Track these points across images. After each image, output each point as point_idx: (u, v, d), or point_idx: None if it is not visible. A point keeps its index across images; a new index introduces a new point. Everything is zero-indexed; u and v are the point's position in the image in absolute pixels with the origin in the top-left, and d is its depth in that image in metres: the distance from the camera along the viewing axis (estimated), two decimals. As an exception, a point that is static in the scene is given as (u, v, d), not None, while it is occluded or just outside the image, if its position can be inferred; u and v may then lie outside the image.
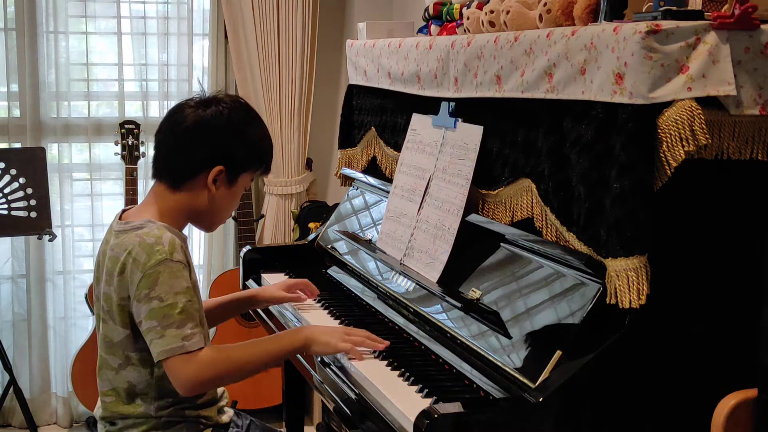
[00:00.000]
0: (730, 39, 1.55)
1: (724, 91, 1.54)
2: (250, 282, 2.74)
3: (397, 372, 1.88)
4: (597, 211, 1.64)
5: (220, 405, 2.04)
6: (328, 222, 2.86)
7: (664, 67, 1.53)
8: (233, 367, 1.88)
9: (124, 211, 1.98)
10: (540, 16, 1.96)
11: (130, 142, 3.53)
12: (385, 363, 1.93)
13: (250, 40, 3.73)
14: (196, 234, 3.96)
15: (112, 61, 3.78)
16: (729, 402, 1.55)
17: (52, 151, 3.73)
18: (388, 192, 2.45)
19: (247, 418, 2.16)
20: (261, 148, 1.99)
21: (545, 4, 1.94)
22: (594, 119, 1.67)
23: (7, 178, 3.41)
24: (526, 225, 1.91)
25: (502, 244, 1.97)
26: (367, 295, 2.39)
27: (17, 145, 3.67)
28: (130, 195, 3.47)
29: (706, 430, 1.57)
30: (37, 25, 3.60)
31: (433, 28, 2.62)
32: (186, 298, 1.82)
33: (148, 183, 3.67)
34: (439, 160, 2.23)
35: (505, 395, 1.68)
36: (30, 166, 3.44)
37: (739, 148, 1.60)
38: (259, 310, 2.57)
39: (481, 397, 1.74)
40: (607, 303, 1.59)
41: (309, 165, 3.94)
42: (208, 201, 1.93)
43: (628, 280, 1.55)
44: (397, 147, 2.55)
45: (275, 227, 3.87)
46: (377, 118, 2.74)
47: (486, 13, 2.17)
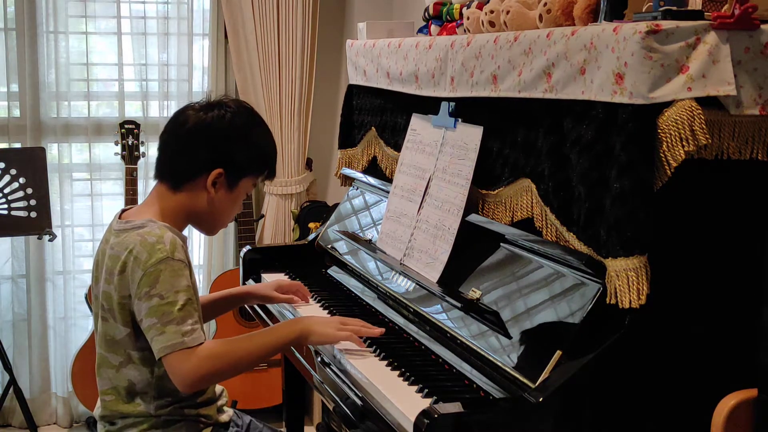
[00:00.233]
0: (730, 39, 1.55)
1: (724, 91, 1.54)
2: (250, 282, 2.74)
3: (397, 372, 1.88)
4: (597, 211, 1.64)
5: (220, 404, 2.05)
6: (328, 222, 2.86)
7: (664, 67, 1.53)
8: (232, 360, 1.88)
9: (123, 211, 1.99)
10: (540, 16, 1.96)
11: (130, 142, 3.53)
12: (385, 363, 1.93)
13: (250, 40, 3.73)
14: (196, 234, 3.96)
15: (112, 61, 3.78)
16: (729, 402, 1.55)
17: (52, 151, 3.73)
18: (388, 192, 2.45)
19: (247, 417, 2.16)
20: (263, 153, 1.99)
21: (545, 4, 1.94)
22: (594, 119, 1.67)
23: (7, 178, 3.41)
24: (526, 225, 1.91)
25: (502, 244, 1.97)
26: (367, 295, 2.39)
27: (17, 145, 3.67)
28: (130, 195, 3.47)
29: (706, 430, 1.57)
30: (37, 25, 3.60)
31: (433, 28, 2.62)
32: (186, 296, 1.83)
33: (148, 183, 3.67)
34: (439, 160, 2.23)
35: (505, 395, 1.68)
36: (30, 166, 3.44)
37: (739, 148, 1.60)
38: (258, 310, 2.58)
39: (481, 397, 1.74)
40: (607, 303, 1.59)
41: (309, 165, 3.94)
42: (208, 203, 1.93)
43: (628, 280, 1.55)
44: (397, 147, 2.55)
45: (275, 227, 3.87)
46: (377, 118, 2.74)
47: (486, 13, 2.17)
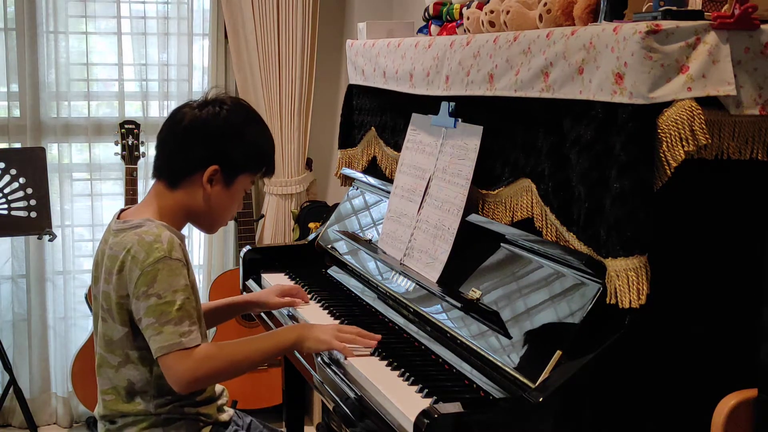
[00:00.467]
0: (730, 39, 1.55)
1: (724, 91, 1.54)
2: (250, 282, 2.74)
3: (397, 372, 1.88)
4: (597, 211, 1.64)
5: (220, 403, 2.05)
6: (328, 222, 2.86)
7: (664, 67, 1.53)
8: (228, 364, 1.88)
9: (122, 211, 1.99)
10: (540, 16, 1.96)
11: (130, 142, 3.53)
12: (385, 363, 1.93)
13: (250, 40, 3.73)
14: (196, 234, 3.96)
15: (112, 61, 3.78)
16: (729, 402, 1.55)
17: (52, 151, 3.73)
18: (388, 192, 2.45)
19: (247, 417, 2.16)
20: (259, 150, 1.99)
21: (545, 4, 1.94)
22: (594, 119, 1.67)
23: (7, 178, 3.41)
24: (526, 225, 1.91)
25: (502, 244, 1.97)
26: (367, 295, 2.39)
27: (17, 145, 3.67)
28: (130, 195, 3.47)
29: (706, 430, 1.57)
30: (37, 25, 3.60)
31: (433, 28, 2.62)
32: (184, 295, 1.83)
33: (148, 183, 3.66)
34: (439, 160, 2.23)
35: (505, 395, 1.68)
36: (30, 166, 3.44)
37: (739, 148, 1.60)
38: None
39: (481, 397, 1.74)
40: (607, 303, 1.59)
41: (309, 165, 3.94)
42: (204, 200, 1.93)
43: (628, 280, 1.55)
44: (397, 147, 2.55)
45: (275, 227, 3.87)
46: (377, 118, 2.74)
47: (486, 13, 2.17)
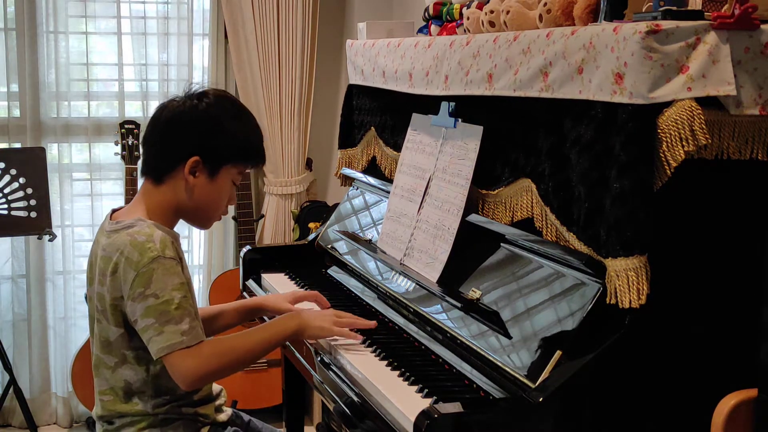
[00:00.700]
0: (730, 39, 1.55)
1: (724, 91, 1.54)
2: (250, 282, 2.74)
3: (397, 372, 1.88)
4: (597, 211, 1.64)
5: (218, 403, 2.04)
6: (328, 222, 2.86)
7: (664, 67, 1.53)
8: (234, 357, 1.89)
9: (114, 211, 1.98)
10: (540, 16, 1.96)
11: (130, 142, 3.53)
12: (385, 363, 1.93)
13: (250, 40, 3.73)
14: (196, 234, 3.97)
15: (112, 61, 3.78)
16: (729, 402, 1.55)
17: (52, 151, 3.73)
18: (388, 192, 2.45)
19: (246, 417, 2.16)
20: (242, 141, 1.95)
21: (545, 4, 1.94)
22: (594, 119, 1.67)
23: (7, 178, 3.41)
24: (526, 225, 1.91)
25: (502, 244, 1.97)
26: (367, 295, 2.39)
27: (17, 145, 3.68)
28: (130, 195, 3.46)
29: (706, 430, 1.57)
30: (37, 25, 3.60)
31: (433, 28, 2.61)
32: (181, 293, 1.82)
33: (147, 183, 3.66)
34: (439, 160, 2.23)
35: (505, 395, 1.68)
36: (30, 166, 3.44)
37: (739, 148, 1.60)
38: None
39: (481, 397, 1.74)
40: (607, 303, 1.59)
41: (309, 165, 3.94)
42: (188, 193, 1.91)
43: (628, 280, 1.55)
44: (397, 147, 2.55)
45: (275, 227, 3.87)
46: (377, 118, 2.74)
47: (486, 13, 2.17)
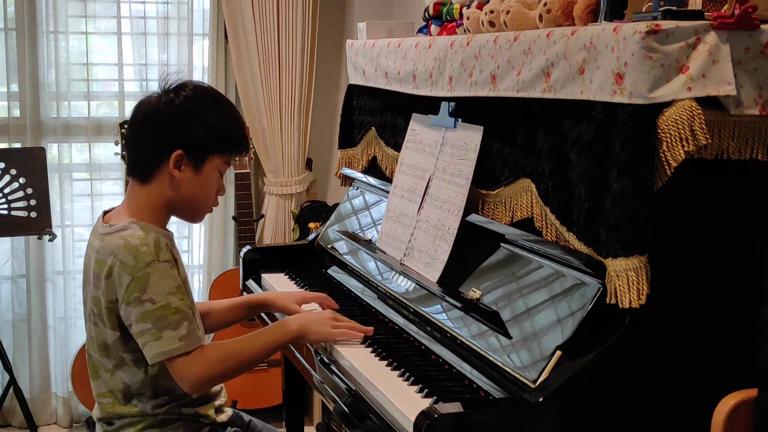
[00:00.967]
0: (730, 39, 1.55)
1: (724, 91, 1.54)
2: (250, 282, 2.74)
3: (397, 372, 1.88)
4: (597, 211, 1.64)
5: (218, 404, 2.04)
6: (328, 222, 2.85)
7: (664, 67, 1.53)
8: (237, 362, 1.89)
9: (105, 213, 1.96)
10: (540, 16, 1.96)
11: (130, 142, 3.53)
12: (385, 363, 1.93)
13: (250, 40, 3.73)
14: (195, 234, 3.97)
15: (112, 61, 3.78)
16: (729, 402, 1.55)
17: (52, 151, 3.73)
18: (388, 192, 2.45)
19: (247, 417, 2.16)
20: (223, 130, 1.93)
21: (545, 4, 1.94)
22: (594, 119, 1.67)
23: (7, 178, 3.41)
24: (526, 225, 1.91)
25: (502, 244, 1.97)
26: (367, 295, 2.39)
27: (17, 145, 3.68)
28: (130, 195, 3.46)
29: (706, 430, 1.57)
30: (37, 25, 3.60)
31: (433, 28, 2.61)
32: (178, 297, 1.82)
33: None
34: (439, 160, 2.23)
35: (505, 395, 1.68)
36: (30, 166, 3.44)
37: (739, 148, 1.60)
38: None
39: (481, 397, 1.74)
40: (607, 303, 1.59)
41: (309, 165, 3.94)
42: (175, 188, 1.89)
43: (628, 280, 1.55)
44: (397, 147, 2.55)
45: (275, 227, 3.87)
46: (377, 118, 2.74)
47: (486, 13, 2.17)
